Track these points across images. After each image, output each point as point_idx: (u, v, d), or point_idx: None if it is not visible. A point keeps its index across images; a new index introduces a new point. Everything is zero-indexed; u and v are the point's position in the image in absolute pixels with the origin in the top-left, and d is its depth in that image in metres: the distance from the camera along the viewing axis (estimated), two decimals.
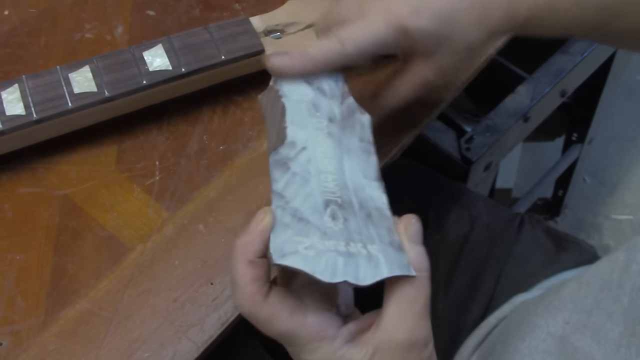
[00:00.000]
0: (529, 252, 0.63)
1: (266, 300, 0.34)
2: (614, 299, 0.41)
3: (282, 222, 0.34)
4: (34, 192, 0.48)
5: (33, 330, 0.43)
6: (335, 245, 0.34)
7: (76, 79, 0.48)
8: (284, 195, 0.36)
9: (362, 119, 0.41)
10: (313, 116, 0.40)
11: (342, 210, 0.36)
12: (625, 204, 1.44)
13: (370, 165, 0.39)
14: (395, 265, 0.34)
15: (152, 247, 0.46)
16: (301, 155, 0.38)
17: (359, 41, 0.41)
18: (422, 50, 0.42)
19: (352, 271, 0.34)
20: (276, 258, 0.33)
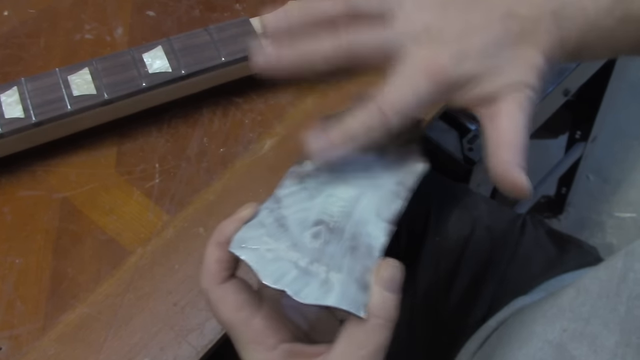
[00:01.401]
0: (531, 254, 0.63)
1: (222, 284, 0.35)
2: (611, 307, 0.41)
3: (262, 221, 0.35)
4: (34, 195, 0.48)
5: (32, 334, 0.43)
6: (298, 259, 0.34)
7: (75, 81, 0.47)
8: (281, 200, 0.36)
9: (415, 166, 0.39)
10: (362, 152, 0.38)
11: (328, 233, 0.35)
12: (628, 202, 1.44)
13: (391, 207, 0.37)
14: (346, 300, 0.33)
15: (152, 251, 0.46)
16: (322, 176, 0.37)
17: (403, 109, 0.37)
18: (483, 93, 0.37)
19: (297, 286, 0.33)
20: (233, 246, 0.34)
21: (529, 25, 0.38)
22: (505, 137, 0.36)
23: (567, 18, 0.38)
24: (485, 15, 0.38)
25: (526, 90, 0.37)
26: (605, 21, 0.38)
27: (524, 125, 0.37)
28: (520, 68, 0.37)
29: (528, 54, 0.38)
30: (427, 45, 0.37)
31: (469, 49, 0.37)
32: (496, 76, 0.37)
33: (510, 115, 0.37)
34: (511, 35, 0.38)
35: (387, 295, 0.33)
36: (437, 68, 0.37)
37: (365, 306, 0.33)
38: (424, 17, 0.38)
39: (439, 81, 0.37)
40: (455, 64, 0.37)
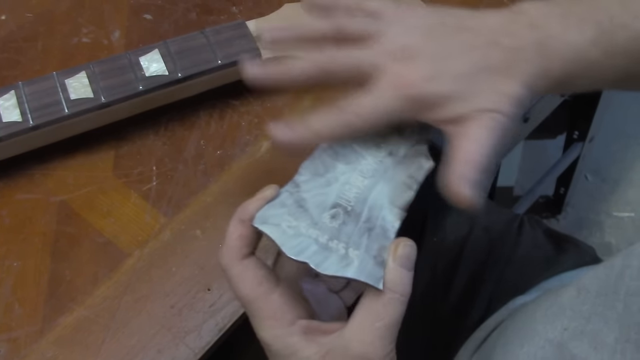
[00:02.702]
0: (529, 254, 0.63)
1: (242, 260, 0.36)
2: (610, 304, 0.41)
3: (282, 201, 0.37)
4: (31, 199, 0.48)
5: (30, 337, 0.43)
6: (318, 235, 0.36)
7: (72, 85, 0.48)
8: (300, 185, 0.38)
9: (423, 162, 0.40)
10: (375, 146, 0.41)
11: (345, 215, 0.37)
12: (627, 202, 1.44)
13: (403, 196, 0.39)
14: (365, 273, 0.35)
15: (149, 253, 0.46)
16: (338, 168, 0.39)
17: (365, 114, 0.39)
18: (451, 117, 0.38)
19: (318, 259, 0.35)
20: (257, 222, 0.36)
21: (510, 55, 0.38)
22: (464, 155, 0.37)
23: (551, 49, 0.39)
24: (467, 42, 0.39)
25: (497, 115, 0.38)
26: (590, 53, 0.39)
27: (488, 147, 0.37)
28: (494, 96, 0.38)
29: (505, 83, 0.38)
30: (402, 63, 0.39)
31: (443, 71, 0.38)
32: (468, 100, 0.38)
33: (474, 137, 0.38)
34: (490, 64, 0.38)
35: (403, 271, 0.35)
36: (407, 83, 0.38)
37: (382, 280, 0.35)
38: (406, 39, 0.39)
39: (407, 96, 0.38)
40: (427, 83, 0.38)
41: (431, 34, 0.40)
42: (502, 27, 0.39)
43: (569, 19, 0.39)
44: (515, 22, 0.39)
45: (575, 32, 0.39)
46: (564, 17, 0.39)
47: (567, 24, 0.39)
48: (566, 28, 0.39)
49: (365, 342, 0.34)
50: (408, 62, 0.38)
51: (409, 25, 0.40)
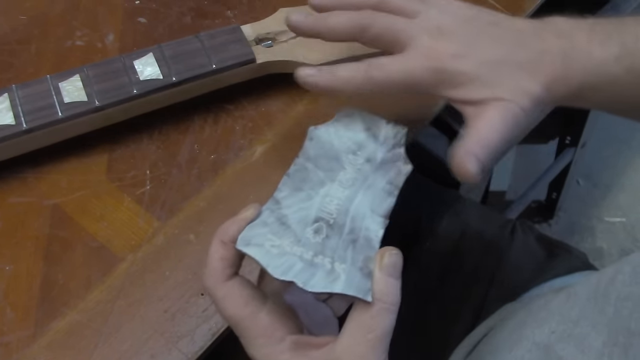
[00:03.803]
0: (521, 259, 0.63)
1: (227, 281, 0.36)
2: (600, 308, 0.41)
3: (264, 220, 0.37)
4: (24, 202, 0.48)
5: (23, 341, 0.43)
6: (302, 252, 0.36)
7: (66, 88, 0.48)
8: (280, 202, 0.38)
9: (402, 167, 0.41)
10: (351, 153, 0.41)
11: (328, 228, 0.37)
12: (618, 207, 1.45)
13: (384, 204, 0.39)
14: (353, 287, 0.35)
15: (143, 258, 0.46)
16: (316, 179, 0.40)
17: (390, 74, 0.40)
18: (471, 98, 0.40)
19: (305, 277, 0.35)
20: (240, 244, 0.36)
21: (535, 56, 0.40)
22: (476, 134, 0.39)
23: (575, 58, 0.40)
24: (497, 35, 0.41)
25: (514, 106, 0.39)
26: (612, 68, 0.40)
27: (500, 132, 0.39)
28: (515, 88, 0.40)
29: (526, 80, 0.40)
30: (435, 39, 0.41)
31: (471, 53, 0.40)
32: (489, 86, 0.40)
33: (490, 120, 0.39)
34: (515, 59, 0.40)
35: (390, 280, 0.35)
36: (437, 56, 0.40)
37: (370, 291, 0.35)
38: (442, 21, 0.42)
39: (435, 68, 0.40)
40: (455, 59, 0.40)
41: (466, 21, 0.42)
42: (531, 31, 0.42)
43: (595, 34, 0.41)
44: (543, 29, 0.41)
45: (600, 47, 0.40)
46: (590, 32, 0.41)
47: (593, 38, 0.40)
48: (591, 42, 0.40)
49: (358, 355, 0.34)
50: (440, 39, 0.41)
51: (447, 11, 0.42)
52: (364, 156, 0.41)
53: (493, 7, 0.61)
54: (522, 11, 0.60)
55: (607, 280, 0.43)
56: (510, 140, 0.40)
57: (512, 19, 0.43)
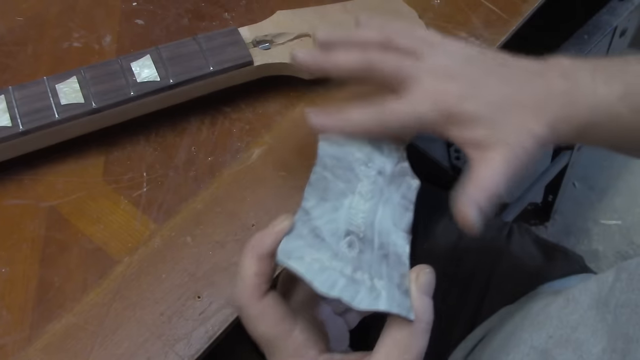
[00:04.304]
0: (518, 262, 0.63)
1: (262, 298, 0.35)
2: (600, 317, 0.42)
3: (299, 232, 0.36)
4: (20, 204, 0.48)
5: (18, 344, 0.43)
6: (342, 267, 0.35)
7: (63, 90, 0.47)
8: (310, 212, 0.37)
9: (411, 182, 0.42)
10: (363, 165, 0.41)
11: (360, 242, 0.37)
12: (614, 209, 1.45)
13: (404, 218, 0.39)
14: (395, 304, 0.34)
15: (139, 260, 0.46)
16: (338, 188, 0.39)
17: (401, 118, 0.41)
18: (477, 138, 0.40)
19: (350, 293, 0.34)
20: (281, 257, 0.34)
21: (540, 97, 0.41)
22: (479, 180, 0.39)
23: (579, 97, 0.40)
24: (503, 76, 0.41)
25: (518, 149, 0.39)
26: (616, 107, 0.40)
27: (503, 176, 0.39)
28: (519, 130, 0.40)
29: (532, 121, 0.40)
30: (441, 80, 0.41)
31: (478, 94, 0.40)
32: (494, 128, 0.40)
33: (493, 164, 0.39)
34: (521, 100, 0.40)
35: (427, 299, 0.35)
36: (443, 98, 0.40)
37: (412, 310, 0.34)
38: (447, 62, 0.42)
39: (442, 109, 0.40)
40: (461, 100, 0.40)
41: (471, 62, 0.42)
42: (536, 70, 0.42)
43: (599, 74, 0.41)
44: (549, 69, 0.42)
45: (604, 86, 0.40)
46: (594, 72, 0.41)
47: (597, 77, 0.41)
48: (595, 81, 0.41)
49: None
50: (446, 81, 0.41)
51: (451, 52, 0.43)
52: (375, 168, 0.41)
53: (490, 10, 0.61)
54: (519, 14, 0.60)
55: (608, 288, 0.43)
56: (513, 182, 0.40)
57: (516, 59, 0.43)
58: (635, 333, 0.39)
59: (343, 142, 0.42)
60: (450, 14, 0.60)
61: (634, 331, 0.39)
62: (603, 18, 0.89)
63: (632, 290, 0.41)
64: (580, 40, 0.88)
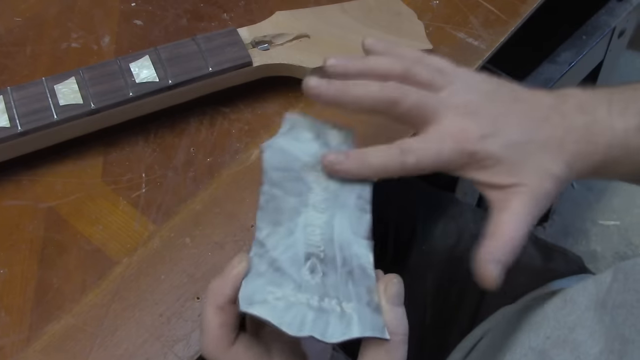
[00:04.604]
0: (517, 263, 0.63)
1: (231, 347, 0.34)
2: (598, 318, 0.42)
3: (257, 270, 0.34)
4: (19, 205, 0.48)
5: (17, 345, 0.43)
6: (308, 299, 0.34)
7: (62, 90, 0.47)
8: (265, 243, 0.36)
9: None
10: (313, 169, 0.40)
11: (322, 264, 0.36)
12: (612, 210, 1.45)
13: (363, 223, 0.39)
14: (368, 327, 0.34)
15: (138, 261, 0.46)
16: (289, 206, 0.38)
17: (422, 159, 0.39)
18: (499, 180, 0.39)
19: (321, 327, 0.33)
20: (243, 306, 0.33)
21: (560, 134, 0.40)
22: (499, 229, 0.38)
23: (597, 133, 0.40)
24: (523, 112, 0.40)
25: (538, 192, 0.39)
26: (633, 139, 0.40)
27: (525, 223, 0.38)
28: (540, 172, 0.39)
29: (552, 161, 0.39)
30: (463, 117, 0.40)
31: (499, 133, 0.39)
32: (514, 171, 0.39)
33: (514, 211, 0.38)
34: (541, 138, 0.40)
35: (398, 310, 0.35)
36: (465, 136, 0.39)
37: (385, 327, 0.34)
38: (469, 96, 0.40)
39: (464, 150, 0.39)
40: (483, 140, 0.39)
41: (490, 96, 0.41)
42: (553, 105, 0.41)
43: (614, 106, 0.40)
44: (565, 102, 0.41)
45: (620, 118, 0.40)
46: (609, 104, 0.40)
47: (612, 110, 0.40)
48: (611, 113, 0.40)
49: None
50: (467, 118, 0.40)
51: (470, 85, 0.41)
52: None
53: (489, 10, 0.61)
54: (518, 15, 0.60)
55: (605, 289, 0.43)
56: (533, 225, 0.40)
57: (533, 92, 0.42)
58: (631, 334, 0.39)
59: (287, 146, 0.40)
60: (449, 14, 0.60)
61: (630, 332, 0.39)
62: (601, 19, 0.89)
63: (628, 291, 0.41)
64: (579, 40, 0.88)
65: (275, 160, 0.40)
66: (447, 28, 0.59)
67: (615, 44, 0.93)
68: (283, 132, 0.42)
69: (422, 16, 0.59)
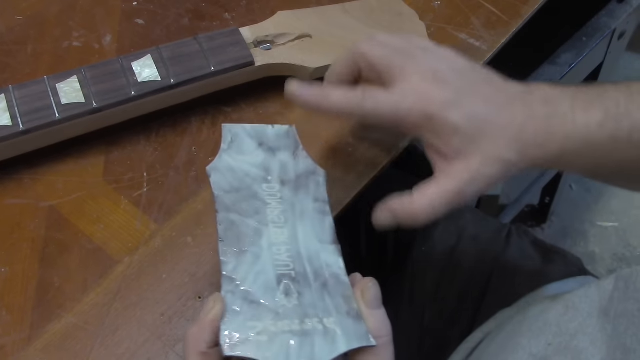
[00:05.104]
0: (516, 264, 0.63)
1: None
2: (601, 326, 0.42)
3: (233, 308, 0.34)
4: (20, 204, 0.48)
5: (18, 344, 0.42)
6: (289, 325, 0.34)
7: (64, 89, 0.47)
8: (234, 277, 0.35)
9: (317, 176, 0.41)
10: (264, 182, 0.40)
11: (295, 284, 0.36)
12: (610, 211, 1.45)
13: (326, 227, 0.39)
14: (354, 337, 0.34)
15: (140, 260, 0.46)
16: (250, 230, 0.37)
17: (380, 106, 0.41)
18: (449, 149, 0.40)
19: (307, 351, 0.33)
20: (227, 350, 0.32)
21: (519, 121, 0.41)
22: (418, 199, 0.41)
23: (557, 125, 0.40)
24: (489, 94, 0.42)
25: (478, 174, 0.40)
26: (595, 134, 0.40)
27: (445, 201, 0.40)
28: (488, 154, 0.40)
29: (504, 146, 0.40)
30: (429, 82, 0.41)
31: (461, 104, 0.40)
32: (467, 145, 0.40)
33: (442, 187, 0.41)
34: (500, 121, 0.41)
35: (378, 313, 0.35)
36: (428, 99, 0.40)
37: (369, 333, 0.34)
38: (438, 65, 0.42)
39: (422, 109, 0.40)
40: (444, 107, 0.40)
41: (461, 72, 0.42)
42: (520, 94, 0.42)
43: (578, 101, 0.41)
44: (531, 94, 0.42)
45: (582, 113, 0.40)
46: (574, 99, 0.41)
47: (576, 105, 0.41)
48: (574, 108, 0.41)
49: None
50: (436, 84, 0.41)
51: (443, 59, 0.43)
52: (277, 179, 0.40)
53: (490, 12, 0.61)
54: (519, 16, 0.60)
55: (607, 297, 0.43)
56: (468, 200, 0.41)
57: (504, 81, 0.43)
58: (633, 344, 0.39)
59: (233, 162, 0.40)
60: (450, 15, 0.60)
61: (632, 342, 0.39)
62: (601, 20, 0.90)
63: (629, 300, 0.41)
64: (579, 42, 0.88)
65: (225, 182, 0.39)
66: (448, 29, 0.59)
67: (615, 45, 0.94)
68: (225, 148, 0.41)
69: (424, 17, 0.59)
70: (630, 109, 0.40)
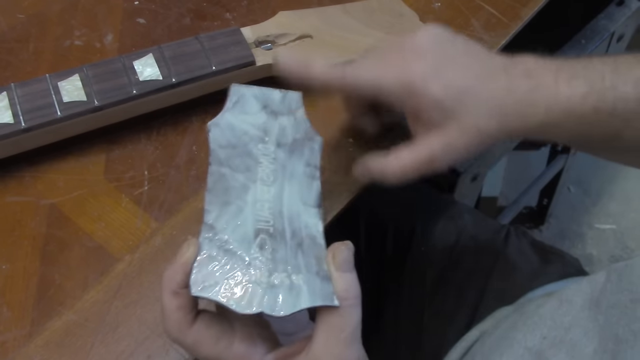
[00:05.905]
0: (514, 264, 0.63)
1: (191, 327, 0.35)
2: (592, 317, 0.42)
3: (208, 254, 0.35)
4: (21, 201, 0.48)
5: (18, 341, 0.43)
6: (259, 276, 0.35)
7: (65, 87, 0.47)
8: (215, 226, 0.36)
9: (313, 143, 0.41)
10: (260, 142, 0.40)
11: (272, 239, 0.36)
12: (608, 214, 1.46)
13: (312, 191, 0.39)
14: (318, 296, 0.35)
15: (140, 258, 0.46)
16: (238, 183, 0.38)
17: (361, 77, 0.42)
18: (427, 118, 0.41)
19: (270, 302, 0.34)
20: (194, 290, 0.34)
21: (499, 93, 0.41)
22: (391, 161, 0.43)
23: (539, 97, 0.41)
24: (468, 66, 0.42)
25: (455, 143, 0.41)
26: (578, 106, 0.40)
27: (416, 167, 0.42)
28: (467, 124, 0.41)
29: (484, 117, 0.41)
30: (410, 56, 0.42)
31: (442, 76, 0.41)
32: (445, 116, 0.41)
33: (416, 154, 0.42)
34: (479, 93, 0.41)
35: (348, 276, 0.35)
36: (409, 71, 0.41)
37: (334, 294, 0.35)
38: (419, 42, 0.43)
39: (403, 81, 0.41)
40: (424, 80, 0.41)
41: (442, 46, 0.43)
42: (503, 67, 0.42)
43: (562, 73, 0.41)
44: (515, 67, 0.42)
45: (565, 85, 0.40)
46: (557, 71, 0.41)
47: (559, 77, 0.41)
48: (558, 80, 0.41)
49: (335, 355, 0.34)
50: (416, 56, 0.42)
51: (424, 34, 0.43)
52: (274, 141, 0.40)
53: (490, 13, 0.61)
54: (519, 18, 0.61)
55: (599, 289, 0.43)
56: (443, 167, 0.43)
57: (487, 52, 0.43)
58: (625, 334, 0.39)
59: (234, 121, 0.40)
60: (450, 17, 0.61)
61: (623, 332, 0.39)
62: (600, 23, 0.90)
63: (622, 292, 0.41)
64: (578, 45, 0.88)
65: (223, 137, 0.40)
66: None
67: (614, 48, 0.94)
68: (229, 106, 0.41)
69: (424, 18, 0.59)
70: (615, 82, 0.40)
